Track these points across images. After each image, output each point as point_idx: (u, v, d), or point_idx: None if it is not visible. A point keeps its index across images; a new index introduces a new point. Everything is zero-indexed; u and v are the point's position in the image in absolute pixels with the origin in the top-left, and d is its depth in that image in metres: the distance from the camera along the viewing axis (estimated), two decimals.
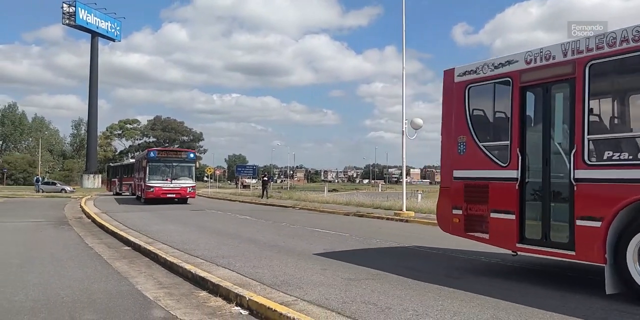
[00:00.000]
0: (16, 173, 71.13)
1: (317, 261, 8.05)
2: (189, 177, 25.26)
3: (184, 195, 24.60)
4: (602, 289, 5.47)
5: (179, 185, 24.32)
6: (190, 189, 24.77)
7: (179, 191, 24.32)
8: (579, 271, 7.17)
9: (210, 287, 6.21)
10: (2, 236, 11.58)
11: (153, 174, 24.09)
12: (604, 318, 4.86)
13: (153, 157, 24.65)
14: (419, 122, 17.93)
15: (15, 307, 5.25)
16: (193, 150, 26.53)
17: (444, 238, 11.63)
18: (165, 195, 23.85)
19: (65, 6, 63.96)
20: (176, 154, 26.46)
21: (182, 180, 24.70)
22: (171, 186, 24.06)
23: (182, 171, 25.06)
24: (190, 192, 24.76)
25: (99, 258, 8.66)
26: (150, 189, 23.64)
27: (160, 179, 24.10)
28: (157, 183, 23.81)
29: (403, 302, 5.38)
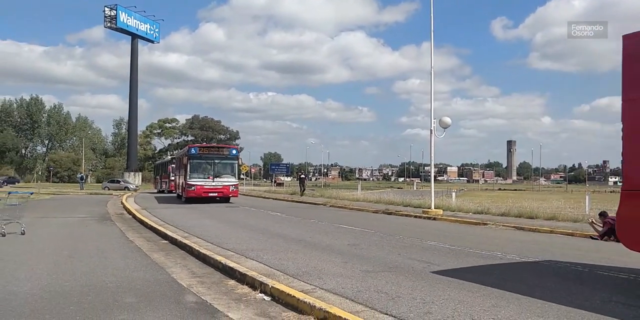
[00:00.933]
0: (61, 171, 74.04)
1: (339, 255, 8.54)
2: (232, 175, 23.96)
3: (227, 194, 23.52)
4: (608, 283, 5.78)
5: (222, 184, 23.20)
6: (232, 187, 23.62)
7: (221, 190, 23.23)
8: (589, 266, 7.44)
9: (238, 277, 6.80)
10: (52, 230, 12.49)
11: (194, 172, 23.01)
12: (600, 308, 5.20)
13: (194, 153, 23.28)
14: (448, 120, 18.14)
15: (66, 291, 5.94)
16: (235, 146, 24.75)
17: (464, 235, 12.00)
18: (207, 194, 22.87)
19: (107, 10, 66.06)
20: (218, 150, 24.64)
21: (225, 178, 23.54)
22: (213, 184, 22.99)
23: (225, 168, 23.88)
24: (233, 191, 23.63)
25: (139, 250, 9.37)
26: (192, 188, 22.65)
27: (201, 177, 23.04)
28: (198, 181, 22.77)
29: (413, 291, 5.83)
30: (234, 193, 23.76)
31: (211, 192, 22.95)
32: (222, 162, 23.73)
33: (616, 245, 10.51)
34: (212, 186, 22.96)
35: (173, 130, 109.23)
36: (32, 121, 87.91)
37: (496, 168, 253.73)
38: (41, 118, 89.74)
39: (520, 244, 10.38)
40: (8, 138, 79.39)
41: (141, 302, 5.46)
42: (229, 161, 24.04)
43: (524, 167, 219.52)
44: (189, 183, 22.74)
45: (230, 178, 23.72)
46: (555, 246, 10.21)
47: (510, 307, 5.16)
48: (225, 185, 23.31)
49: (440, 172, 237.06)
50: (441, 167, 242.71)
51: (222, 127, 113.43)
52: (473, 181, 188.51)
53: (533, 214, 15.85)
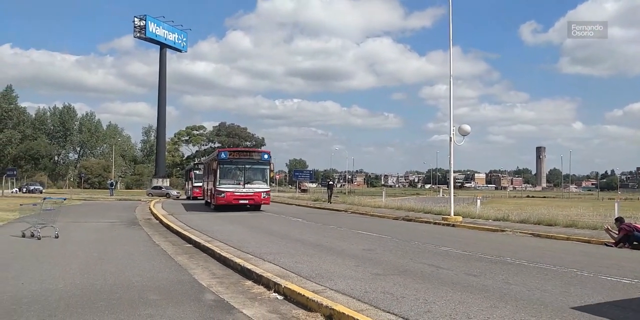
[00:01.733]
0: (92, 177, 76.00)
1: (352, 259, 8.92)
2: (264, 181, 22.65)
3: (258, 202, 22.33)
4: (609, 287, 6.03)
5: (253, 190, 21.96)
6: (264, 194, 22.32)
7: (252, 197, 22.00)
8: (594, 272, 7.66)
9: (255, 277, 7.24)
10: (83, 234, 13.16)
11: (224, 177, 21.92)
12: (594, 310, 5.47)
13: (224, 158, 22.01)
14: (467, 128, 18.33)
15: (96, 288, 6.46)
16: (267, 151, 23.06)
17: (479, 242, 12.23)
18: (237, 201, 21.74)
19: (137, 20, 67.92)
20: (249, 154, 23.31)
21: (256, 184, 22.30)
22: (244, 191, 21.79)
23: (256, 174, 22.63)
24: (264, 198, 22.34)
25: (164, 253, 9.91)
26: (221, 194, 21.54)
27: (232, 183, 21.90)
28: (228, 187, 21.63)
29: (417, 293, 6.18)
30: (265, 200, 22.54)
31: (242, 199, 21.84)
32: (253, 167, 22.49)
33: (628, 253, 10.66)
34: (243, 193, 21.82)
35: (200, 137, 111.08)
36: (64, 129, 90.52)
37: (525, 175, 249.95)
38: (73, 126, 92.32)
39: (533, 250, 10.59)
40: (42, 145, 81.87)
41: (164, 299, 5.94)
42: (261, 166, 22.63)
43: (554, 174, 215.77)
44: (219, 189, 21.68)
45: (261, 184, 22.50)
46: (567, 252, 10.39)
47: (507, 308, 5.47)
48: (257, 192, 22.08)
49: (468, 178, 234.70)
50: (468, 174, 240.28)
51: (248, 134, 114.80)
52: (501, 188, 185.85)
53: (552, 221, 15.93)
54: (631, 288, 6.69)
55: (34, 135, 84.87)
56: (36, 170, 79.81)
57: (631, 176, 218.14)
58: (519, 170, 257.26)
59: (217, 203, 21.92)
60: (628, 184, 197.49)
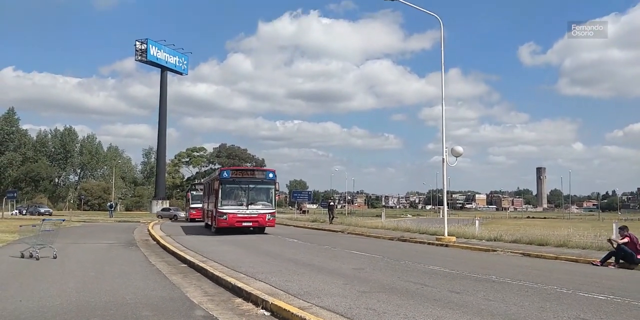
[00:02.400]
0: (92, 199, 76.14)
1: (342, 277, 9.18)
2: (268, 202, 21.32)
3: (262, 224, 21.05)
4: (584, 303, 6.29)
5: (257, 212, 20.67)
6: (269, 216, 21.01)
7: (256, 219, 20.73)
8: (574, 289, 7.92)
9: (244, 295, 7.50)
10: (81, 254, 13.40)
11: (226, 198, 20.67)
12: None
13: (226, 177, 20.78)
14: (460, 150, 18.74)
15: (91, 305, 6.72)
16: (272, 170, 21.80)
17: (469, 261, 12.47)
18: (240, 223, 20.50)
19: (138, 44, 69.27)
20: (253, 173, 22.02)
21: (260, 205, 21.01)
22: (247, 213, 20.51)
23: (260, 194, 21.36)
24: (269, 220, 21.05)
25: (159, 273, 10.16)
26: (223, 216, 20.26)
27: (234, 204, 20.63)
28: (231, 209, 20.35)
29: (399, 309, 6.44)
30: (270, 222, 21.20)
31: (245, 221, 20.59)
32: (257, 187, 21.26)
33: (611, 271, 10.92)
34: (247, 215, 20.53)
35: (201, 159, 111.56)
36: (65, 151, 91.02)
37: (526, 195, 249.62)
38: (74, 148, 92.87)
39: (519, 269, 10.83)
40: (42, 167, 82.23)
41: (155, 315, 6.20)
42: (265, 186, 21.38)
43: (555, 195, 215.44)
44: (220, 211, 20.38)
45: (266, 205, 21.16)
46: (552, 271, 10.63)
47: None
48: (261, 214, 20.77)
49: (469, 199, 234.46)
50: (469, 195, 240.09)
51: (248, 155, 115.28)
52: (502, 209, 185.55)
53: (543, 241, 16.16)
54: (604, 303, 6.95)
55: (34, 157, 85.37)
56: (36, 192, 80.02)
57: (632, 197, 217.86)
58: (519, 190, 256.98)
59: (219, 226, 20.70)
60: (629, 205, 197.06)
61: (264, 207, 21.03)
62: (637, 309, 6.65)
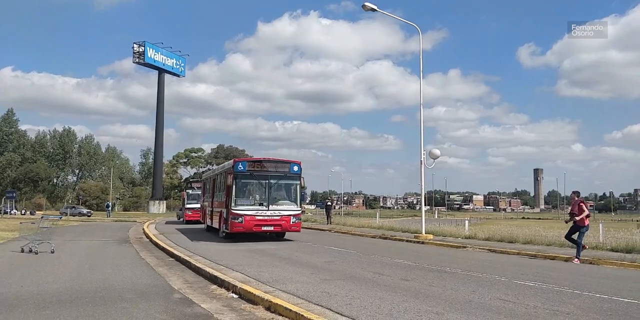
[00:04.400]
0: (90, 199, 77.14)
1: (311, 269, 10.19)
2: (293, 201, 17.79)
3: (286, 228, 17.38)
4: (513, 288, 7.29)
5: (279, 213, 17.10)
6: (294, 218, 17.39)
7: (278, 222, 17.07)
8: (510, 278, 8.94)
9: (219, 282, 8.52)
10: (77, 250, 14.38)
11: (241, 196, 17.06)
12: (483, 303, 6.75)
13: (242, 171, 17.00)
14: (437, 152, 19.75)
15: (83, 290, 7.74)
16: (298, 162, 18.04)
17: (434, 255, 13.48)
18: (260, 227, 16.90)
19: (136, 46, 70.36)
20: (275, 166, 17.93)
21: (284, 205, 17.43)
22: (268, 214, 16.92)
23: (283, 191, 17.98)
24: (294, 224, 17.42)
25: (147, 265, 11.17)
26: (238, 219, 16.50)
27: (251, 204, 17.02)
28: (248, 209, 16.69)
29: (350, 292, 7.45)
30: (295, 227, 17.56)
31: (265, 224, 16.97)
32: (279, 182, 17.70)
33: (558, 264, 11.96)
34: (267, 217, 16.92)
35: (199, 160, 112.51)
36: (64, 152, 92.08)
37: (524, 197, 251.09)
38: (73, 149, 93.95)
39: (475, 262, 11.86)
40: (41, 168, 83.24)
41: (139, 298, 7.22)
42: (289, 181, 17.88)
43: (552, 196, 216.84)
44: (235, 212, 16.57)
45: (290, 205, 17.60)
46: (505, 264, 11.65)
47: (414, 302, 6.76)
48: (285, 216, 17.19)
49: (466, 200, 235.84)
50: (467, 196, 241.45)
51: (246, 156, 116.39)
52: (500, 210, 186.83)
53: (512, 238, 17.18)
54: (529, 288, 7.98)
55: (33, 158, 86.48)
56: (35, 192, 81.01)
57: (629, 198, 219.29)
58: (517, 191, 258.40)
59: (233, 230, 16.78)
60: (626, 206, 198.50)
61: (288, 208, 17.46)
62: (553, 292, 7.67)
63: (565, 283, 8.53)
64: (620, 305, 6.79)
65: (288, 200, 17.75)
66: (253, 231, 17.10)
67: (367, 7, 19.50)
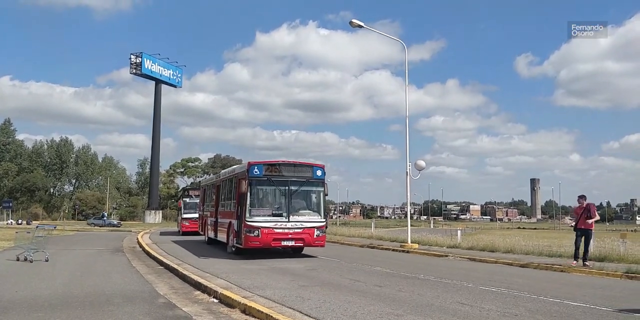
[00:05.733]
0: (86, 209, 77.47)
1: (292, 276, 10.74)
2: (316, 210, 15.52)
3: (309, 242, 15.03)
4: (475, 293, 7.85)
5: (302, 225, 14.87)
6: (318, 231, 15.10)
7: (300, 235, 14.82)
8: (477, 284, 9.51)
9: (203, 288, 9.05)
10: (72, 259, 14.89)
11: (257, 205, 14.84)
12: (442, 305, 7.31)
13: (258, 175, 14.78)
14: (422, 164, 20.39)
15: (74, 295, 8.29)
16: (321, 165, 15.89)
17: (414, 264, 14.02)
18: (279, 242, 14.70)
19: (133, 57, 71.27)
20: (295, 169, 15.58)
21: (306, 215, 15.19)
22: (289, 226, 14.69)
23: (305, 200, 15.72)
24: (318, 237, 15.11)
25: (137, 273, 11.70)
26: (254, 232, 14.30)
27: (268, 214, 14.73)
28: (265, 221, 14.48)
29: (323, 297, 8.00)
30: (319, 241, 15.26)
31: (286, 239, 14.74)
32: (301, 189, 15.37)
33: (523, 271, 12.52)
34: (288, 229, 14.70)
35: (196, 169, 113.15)
36: (61, 161, 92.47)
37: (521, 206, 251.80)
38: (70, 158, 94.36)
39: (451, 270, 12.42)
40: (38, 178, 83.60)
41: (125, 302, 7.76)
42: (312, 188, 15.66)
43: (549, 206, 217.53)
44: (250, 224, 14.40)
45: (313, 215, 15.35)
46: (479, 272, 12.21)
47: (380, 305, 7.32)
48: (307, 228, 14.95)
49: (463, 210, 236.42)
50: (464, 206, 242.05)
51: None
52: (497, 220, 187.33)
53: (494, 247, 17.74)
54: (490, 293, 8.55)
55: (30, 167, 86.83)
56: (31, 202, 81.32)
57: (626, 208, 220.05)
58: (514, 201, 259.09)
59: (247, 245, 14.59)
60: (622, 216, 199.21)
61: (311, 219, 15.21)
62: (511, 296, 8.25)
63: (526, 288, 9.11)
64: (568, 308, 7.37)
65: (310, 210, 15.52)
66: (271, 247, 15.05)
67: (355, 24, 20.24)
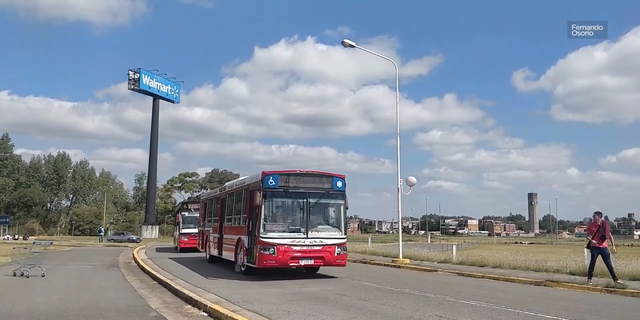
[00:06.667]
0: (83, 224, 77.52)
1: (281, 290, 11.06)
2: (336, 226, 14.28)
3: (330, 261, 13.76)
4: (455, 306, 8.20)
5: (321, 242, 13.57)
6: (339, 249, 13.81)
7: (320, 253, 13.52)
8: (455, 297, 9.86)
9: (194, 303, 9.39)
10: (67, 274, 15.19)
11: (273, 220, 13.63)
12: (416, 317, 7.67)
13: (274, 186, 13.54)
14: (413, 180, 20.79)
15: (70, 309, 8.62)
16: (342, 176, 14.73)
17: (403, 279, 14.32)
18: (297, 261, 13.34)
19: (131, 73, 72.08)
20: (314, 180, 14.24)
21: (326, 231, 13.95)
22: (308, 243, 13.40)
23: (325, 214, 14.48)
24: (339, 256, 13.82)
25: (131, 287, 12.01)
26: (269, 250, 12.93)
27: (284, 229, 13.50)
28: (282, 237, 13.19)
29: (309, 310, 8.35)
30: (340, 259, 13.96)
31: (304, 257, 13.42)
32: (320, 202, 14.07)
33: (509, 285, 12.87)
34: (307, 246, 13.41)
35: (193, 184, 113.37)
36: (58, 176, 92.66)
37: (519, 221, 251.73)
38: (67, 173, 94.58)
39: (436, 284, 12.77)
40: (35, 193, 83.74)
41: (118, 315, 8.10)
42: (332, 200, 14.37)
43: (547, 220, 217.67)
44: (265, 241, 13.04)
45: (333, 231, 14.09)
46: (464, 286, 12.53)
47: (362, 318, 7.69)
48: (328, 245, 13.65)
49: (461, 225, 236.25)
50: (462, 220, 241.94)
51: None
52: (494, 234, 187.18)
53: (483, 262, 18.07)
54: (470, 307, 8.89)
55: (27, 182, 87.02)
56: (28, 217, 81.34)
57: (623, 222, 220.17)
58: (512, 216, 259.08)
59: (262, 264, 13.13)
60: (620, 231, 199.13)
61: (331, 235, 13.95)
62: (488, 310, 8.60)
63: (505, 302, 9.45)
64: None
65: (330, 225, 14.26)
66: (288, 266, 13.62)
67: (346, 44, 20.78)
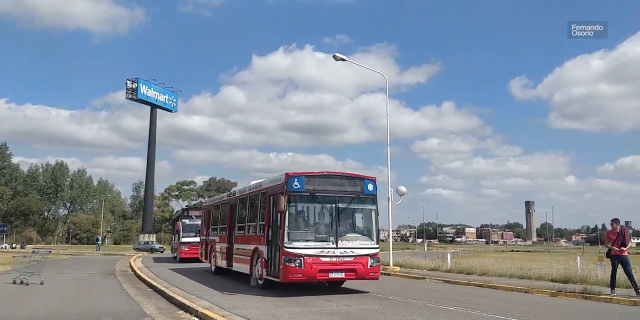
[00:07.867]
0: (81, 233, 77.87)
1: (273, 296, 11.51)
2: (368, 234, 12.76)
3: (362, 274, 12.12)
4: (432, 310, 8.71)
5: (352, 252, 11.98)
6: (372, 260, 12.25)
7: (352, 265, 11.94)
8: (435, 303, 10.39)
9: (186, 308, 9.90)
10: (65, 282, 15.64)
11: (298, 228, 12.07)
12: None
13: (299, 190, 11.98)
14: (403, 189, 21.35)
15: (68, 314, 9.13)
16: (373, 178, 13.04)
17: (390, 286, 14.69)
18: (326, 274, 11.83)
19: (129, 82, 72.54)
20: (343, 182, 12.57)
21: (357, 240, 12.36)
22: (338, 254, 11.81)
23: (355, 220, 12.94)
24: (372, 268, 12.26)
25: (127, 295, 12.49)
26: (295, 262, 11.38)
27: (311, 238, 11.91)
28: (308, 247, 11.64)
29: (294, 315, 8.85)
30: (373, 271, 12.38)
31: (335, 270, 11.85)
32: (350, 207, 12.47)
33: (491, 292, 13.37)
34: (337, 258, 11.82)
35: (190, 192, 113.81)
36: (55, 185, 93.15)
37: (516, 229, 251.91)
38: (65, 182, 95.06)
39: (421, 291, 13.27)
40: (33, 201, 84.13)
41: None
42: (363, 205, 12.80)
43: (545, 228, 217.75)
44: (290, 251, 11.48)
45: (365, 240, 12.53)
46: (446, 293, 13.06)
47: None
48: (360, 256, 12.06)
49: (459, 233, 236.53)
50: (459, 228, 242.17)
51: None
52: (492, 242, 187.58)
53: (470, 270, 18.58)
54: (446, 312, 9.40)
55: (25, 191, 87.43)
56: (26, 226, 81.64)
57: None
58: (510, 224, 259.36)
59: (287, 278, 11.60)
60: None
61: (363, 244, 12.37)
62: (463, 315, 9.11)
63: (482, 308, 9.96)
64: None
65: (361, 233, 12.74)
66: (317, 279, 12.34)
67: (338, 58, 21.40)
